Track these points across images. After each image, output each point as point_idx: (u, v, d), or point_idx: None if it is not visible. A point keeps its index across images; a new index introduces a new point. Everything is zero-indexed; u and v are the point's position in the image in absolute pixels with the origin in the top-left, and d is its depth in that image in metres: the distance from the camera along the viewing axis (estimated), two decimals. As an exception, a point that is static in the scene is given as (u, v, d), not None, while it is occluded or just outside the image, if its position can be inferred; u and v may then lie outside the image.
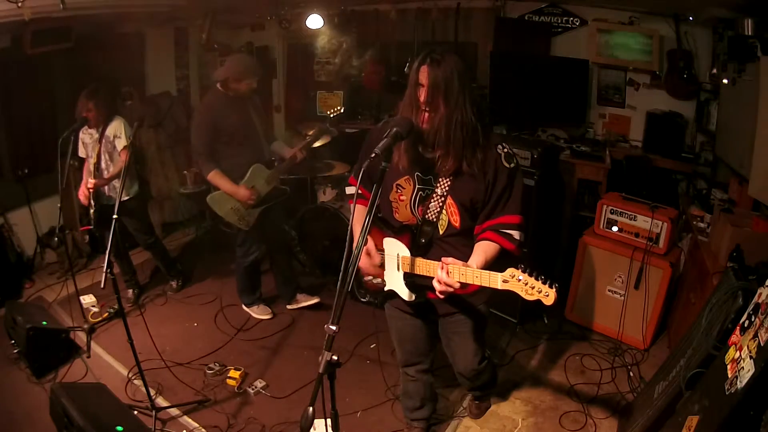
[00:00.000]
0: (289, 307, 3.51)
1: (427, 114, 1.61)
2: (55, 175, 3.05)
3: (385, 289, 1.86)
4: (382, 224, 1.86)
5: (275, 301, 3.59)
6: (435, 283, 1.58)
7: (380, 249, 1.84)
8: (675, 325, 3.03)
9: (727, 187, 3.10)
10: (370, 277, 1.91)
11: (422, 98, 1.59)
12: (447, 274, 1.54)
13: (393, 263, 1.80)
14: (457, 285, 1.55)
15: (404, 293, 1.80)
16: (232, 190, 2.98)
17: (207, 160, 2.93)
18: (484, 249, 1.68)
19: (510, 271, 1.48)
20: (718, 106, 3.32)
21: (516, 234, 1.71)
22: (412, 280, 1.78)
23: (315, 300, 3.49)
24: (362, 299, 1.99)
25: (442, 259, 1.58)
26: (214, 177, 2.95)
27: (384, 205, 1.87)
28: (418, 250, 1.76)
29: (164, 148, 4.68)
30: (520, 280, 1.46)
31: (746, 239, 2.43)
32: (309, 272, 3.99)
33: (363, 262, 1.80)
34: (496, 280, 1.49)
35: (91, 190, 3.13)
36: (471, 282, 1.55)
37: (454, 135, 1.61)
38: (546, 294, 1.43)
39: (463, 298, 1.89)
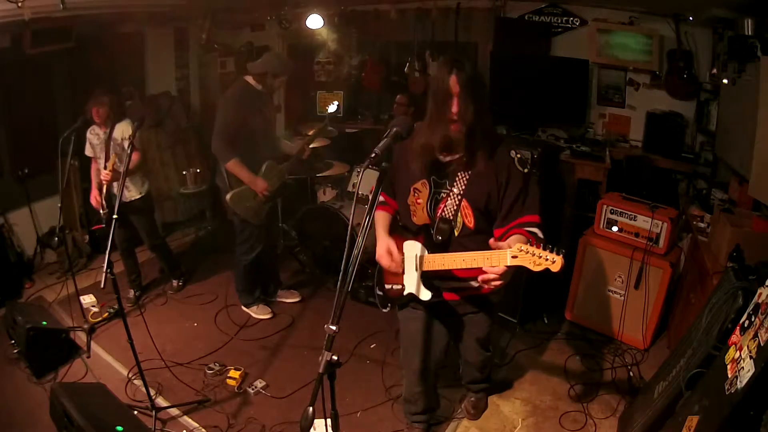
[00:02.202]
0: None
1: (457, 125, 1.62)
2: (55, 175, 3.05)
3: (405, 293, 1.87)
4: (402, 230, 1.89)
5: (277, 303, 3.60)
6: (481, 276, 1.57)
7: (402, 254, 1.85)
8: (675, 325, 3.03)
9: (727, 187, 3.10)
10: (391, 285, 1.92)
11: (455, 109, 1.60)
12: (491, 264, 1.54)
13: (411, 264, 1.81)
14: (502, 269, 1.54)
15: (421, 293, 1.81)
16: (251, 180, 3.00)
17: (227, 148, 2.91)
18: (517, 239, 1.65)
19: (518, 245, 1.49)
20: (718, 106, 3.32)
21: (540, 233, 1.73)
22: (429, 280, 1.80)
23: (297, 298, 3.62)
24: (384, 310, 1.98)
25: (490, 242, 1.58)
26: (234, 166, 2.94)
27: (402, 209, 1.89)
28: (435, 248, 1.79)
29: (164, 148, 4.68)
30: (527, 252, 1.47)
31: (746, 239, 2.43)
32: (309, 272, 3.99)
33: (386, 262, 1.80)
34: (506, 257, 1.51)
35: (105, 183, 3.14)
36: (482, 265, 1.56)
37: (476, 141, 1.65)
38: (553, 261, 1.44)
39: (483, 297, 1.92)
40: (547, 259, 1.45)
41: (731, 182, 3.04)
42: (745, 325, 1.72)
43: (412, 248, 1.81)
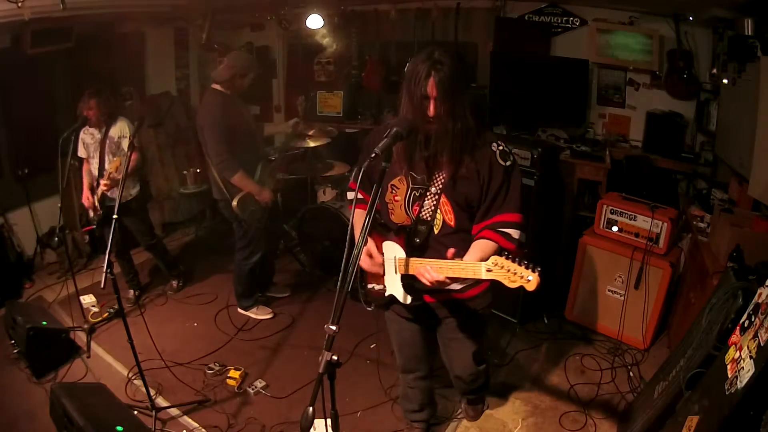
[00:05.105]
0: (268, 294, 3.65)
1: (433, 125, 1.59)
2: (55, 175, 3.06)
3: (386, 294, 1.83)
4: (382, 229, 1.85)
5: (273, 301, 3.60)
6: (421, 278, 1.57)
7: (381, 254, 1.82)
8: (675, 325, 3.03)
9: (727, 187, 3.10)
10: (372, 285, 1.89)
11: (432, 112, 1.56)
12: (431, 268, 1.53)
13: (391, 266, 1.78)
14: (443, 279, 1.52)
15: (401, 296, 1.77)
16: (257, 191, 3.02)
17: (231, 163, 2.89)
18: (480, 247, 1.65)
19: (493, 259, 1.44)
20: (718, 106, 3.32)
21: (514, 233, 1.68)
22: (410, 282, 1.75)
23: (287, 293, 3.69)
24: (368, 308, 1.93)
25: (447, 252, 1.56)
26: (240, 179, 2.94)
27: (381, 207, 1.85)
28: (413, 250, 1.74)
29: (164, 148, 4.68)
30: (503, 267, 1.42)
31: (746, 239, 2.43)
32: (309, 272, 3.99)
33: (365, 264, 1.76)
34: (480, 270, 1.46)
35: (105, 191, 3.13)
36: (457, 275, 1.52)
37: (454, 141, 1.61)
38: (528, 278, 1.39)
39: (463, 302, 1.87)
40: (522, 277, 1.39)
41: (731, 182, 3.04)
42: (745, 325, 1.72)
43: (391, 250, 1.77)
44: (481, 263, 1.47)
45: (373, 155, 1.46)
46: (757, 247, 2.37)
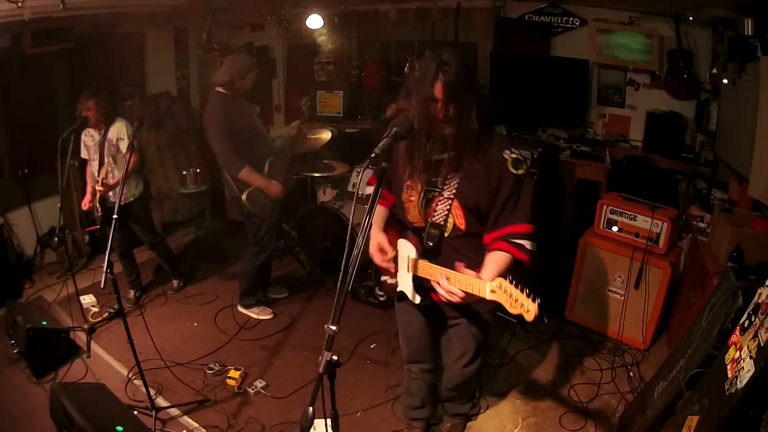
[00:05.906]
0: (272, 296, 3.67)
1: (442, 126, 1.61)
2: (55, 175, 3.05)
3: (397, 289, 1.88)
4: (399, 226, 1.88)
5: (272, 301, 3.60)
6: (438, 289, 1.62)
7: (396, 250, 1.85)
8: (675, 325, 3.03)
9: (727, 187, 3.10)
10: (386, 278, 1.93)
11: (441, 114, 1.58)
12: (447, 280, 1.56)
13: (404, 264, 1.82)
14: (461, 293, 1.56)
15: (411, 294, 1.82)
16: (265, 185, 3.05)
17: (235, 160, 2.94)
18: (496, 260, 1.66)
19: (498, 281, 1.46)
20: (718, 106, 3.32)
21: (528, 244, 1.68)
22: (420, 281, 1.79)
23: (285, 293, 3.71)
24: (380, 299, 1.99)
25: (456, 264, 1.58)
26: (246, 174, 2.97)
27: (398, 207, 1.89)
28: (425, 252, 1.78)
29: (164, 148, 4.68)
30: (506, 291, 1.44)
31: (746, 239, 2.43)
32: (309, 272, 3.99)
33: (377, 258, 1.81)
34: (485, 290, 1.48)
35: (100, 194, 3.13)
36: (464, 288, 1.55)
37: (461, 143, 1.62)
38: (527, 309, 1.40)
39: (469, 305, 1.88)
40: (522, 305, 1.41)
41: (731, 182, 3.04)
42: (745, 325, 1.72)
43: (405, 248, 1.80)
44: (486, 282, 1.49)
45: (373, 155, 1.47)
46: (757, 247, 2.38)
